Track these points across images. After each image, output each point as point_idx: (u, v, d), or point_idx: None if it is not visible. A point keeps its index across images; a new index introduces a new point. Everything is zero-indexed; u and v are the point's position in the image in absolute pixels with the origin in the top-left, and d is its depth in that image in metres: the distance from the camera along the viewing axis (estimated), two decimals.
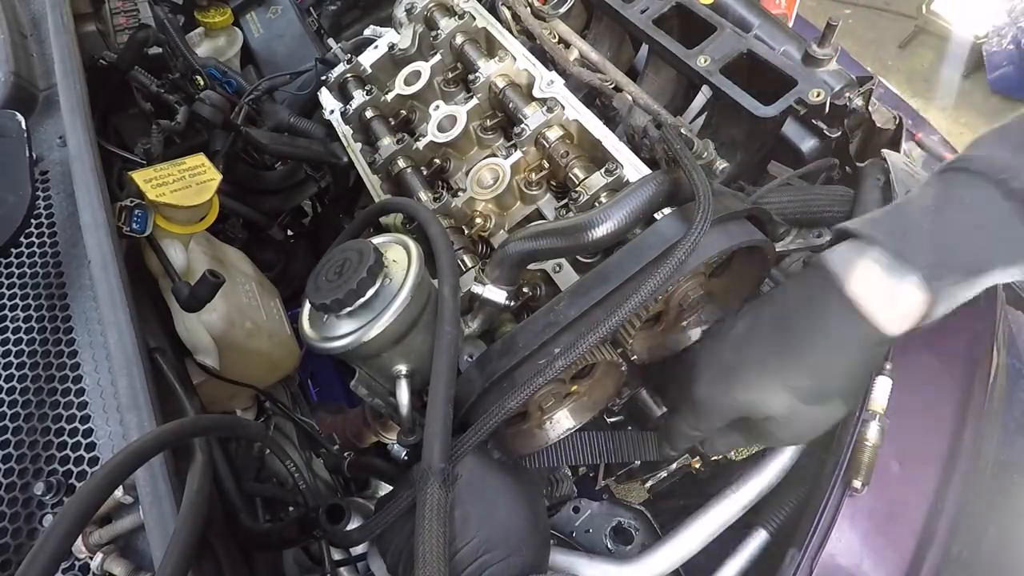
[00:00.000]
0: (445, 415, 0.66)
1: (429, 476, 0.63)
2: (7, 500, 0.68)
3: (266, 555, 0.87)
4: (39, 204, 0.88)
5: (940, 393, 0.83)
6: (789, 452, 0.80)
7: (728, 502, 0.77)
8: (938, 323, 0.82)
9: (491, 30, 1.14)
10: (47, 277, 0.82)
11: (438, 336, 0.70)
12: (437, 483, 0.62)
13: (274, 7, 1.73)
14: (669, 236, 0.73)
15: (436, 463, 0.63)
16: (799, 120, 1.01)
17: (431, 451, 0.64)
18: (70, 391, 0.73)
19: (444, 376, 0.68)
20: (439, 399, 0.67)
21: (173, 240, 0.89)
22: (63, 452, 0.70)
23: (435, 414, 0.66)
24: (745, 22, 1.12)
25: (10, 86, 0.96)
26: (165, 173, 0.87)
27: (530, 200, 0.98)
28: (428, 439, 0.65)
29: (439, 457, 0.64)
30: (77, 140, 0.84)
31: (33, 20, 1.11)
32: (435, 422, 0.65)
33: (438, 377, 0.68)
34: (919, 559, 0.75)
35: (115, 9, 1.29)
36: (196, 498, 0.60)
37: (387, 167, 1.07)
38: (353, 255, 0.70)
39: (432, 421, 0.66)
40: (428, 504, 0.61)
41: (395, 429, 1.27)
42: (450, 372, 0.69)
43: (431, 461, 0.63)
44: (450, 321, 0.71)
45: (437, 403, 0.66)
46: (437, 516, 0.61)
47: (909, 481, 0.78)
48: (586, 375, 0.86)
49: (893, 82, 3.47)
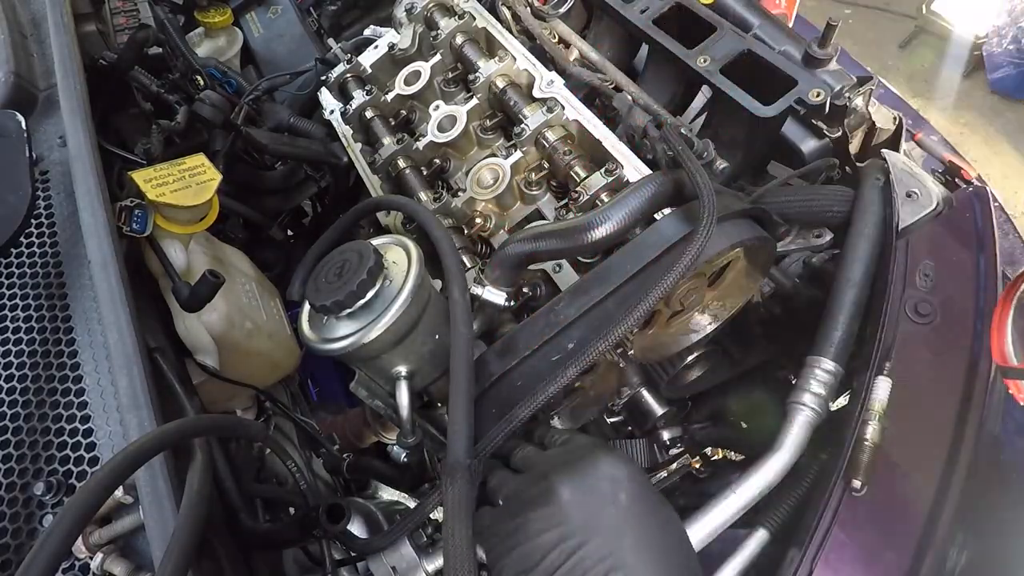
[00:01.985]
0: (467, 412, 0.66)
1: (456, 472, 0.62)
2: (7, 500, 0.68)
3: (266, 555, 0.87)
4: (39, 204, 0.88)
5: (941, 393, 0.83)
6: (789, 452, 0.80)
7: (728, 502, 0.77)
8: (938, 323, 0.82)
9: (491, 30, 1.15)
10: (47, 277, 0.82)
11: (453, 337, 0.70)
12: (464, 479, 0.61)
13: (274, 7, 1.74)
14: (669, 236, 0.73)
15: (463, 458, 0.62)
16: (799, 120, 1.01)
17: (456, 446, 0.63)
18: (70, 391, 0.73)
19: (463, 374, 0.68)
20: (460, 396, 0.66)
21: (173, 240, 0.89)
22: (63, 452, 0.70)
23: (458, 413, 0.65)
24: (745, 22, 1.12)
25: (10, 86, 0.96)
26: (165, 173, 0.87)
27: (530, 200, 0.98)
28: (452, 435, 0.64)
29: (464, 452, 0.63)
30: (77, 140, 0.84)
31: (33, 20, 1.11)
32: (458, 420, 0.65)
33: (457, 376, 0.67)
34: (919, 559, 0.75)
35: (115, 9, 1.29)
36: (196, 498, 0.60)
37: (387, 167, 1.07)
38: (353, 256, 0.70)
39: (455, 420, 0.65)
40: (454, 502, 0.60)
41: (395, 429, 1.27)
42: (469, 370, 0.68)
43: (457, 456, 0.62)
44: (463, 322, 0.71)
45: (459, 401, 0.66)
46: (464, 512, 0.59)
47: (909, 481, 0.78)
48: (589, 371, 0.86)
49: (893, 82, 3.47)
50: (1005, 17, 3.28)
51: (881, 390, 0.79)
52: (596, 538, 0.54)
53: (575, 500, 0.57)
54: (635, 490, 0.59)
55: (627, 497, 0.57)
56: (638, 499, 0.58)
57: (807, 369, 0.84)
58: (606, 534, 0.55)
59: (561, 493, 0.57)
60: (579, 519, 0.56)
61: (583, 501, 0.57)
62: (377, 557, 0.77)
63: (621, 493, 0.58)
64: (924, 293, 0.84)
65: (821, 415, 0.82)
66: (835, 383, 0.84)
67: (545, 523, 0.56)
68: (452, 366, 0.68)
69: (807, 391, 0.83)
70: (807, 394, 0.82)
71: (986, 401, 0.83)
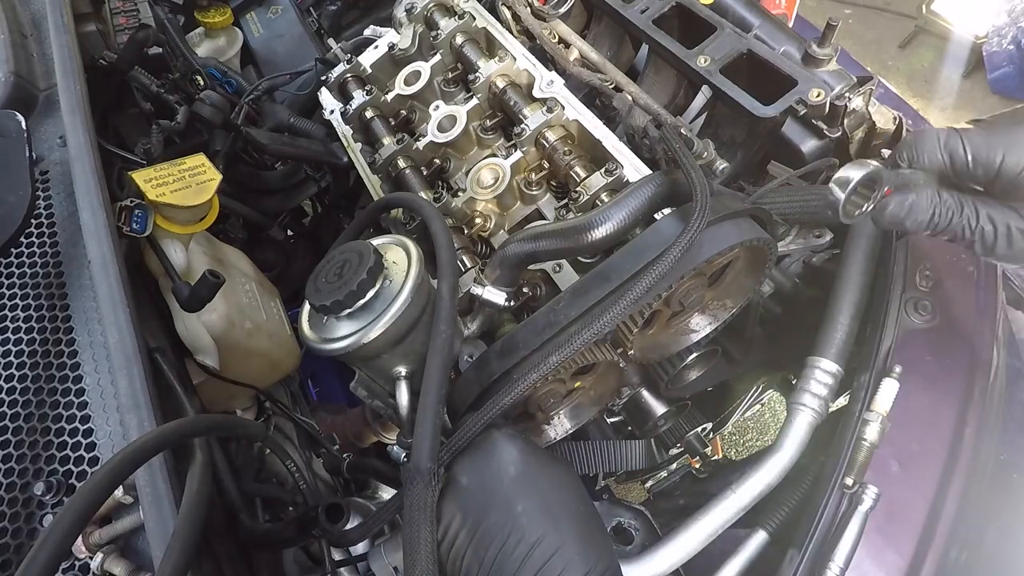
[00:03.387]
0: (435, 415, 0.65)
1: (416, 476, 0.62)
2: (7, 500, 0.68)
3: (266, 555, 0.87)
4: (39, 204, 0.88)
5: (941, 393, 0.83)
6: (789, 452, 0.80)
7: (728, 502, 0.77)
8: (940, 323, 0.82)
9: (491, 30, 1.14)
10: (47, 277, 0.82)
11: (433, 336, 0.69)
12: (424, 483, 0.62)
13: (274, 7, 1.74)
14: (669, 236, 0.73)
15: (424, 463, 0.62)
16: (799, 120, 1.01)
17: (420, 451, 0.63)
18: (70, 391, 0.73)
19: (436, 376, 0.67)
20: (430, 399, 0.66)
21: (173, 240, 0.89)
22: (63, 452, 0.70)
23: (425, 414, 0.65)
24: (745, 22, 1.12)
25: (10, 86, 0.96)
26: (165, 173, 0.87)
27: (530, 200, 0.98)
28: (417, 439, 0.64)
29: (427, 457, 0.63)
30: (77, 140, 0.84)
31: (33, 20, 1.11)
32: (425, 422, 0.65)
33: (430, 377, 0.67)
34: (919, 559, 0.75)
35: (115, 9, 1.29)
36: (196, 498, 0.60)
37: (387, 167, 1.07)
38: (353, 256, 0.70)
39: (422, 421, 0.65)
40: (415, 504, 0.61)
41: (395, 429, 1.27)
42: (442, 372, 0.68)
43: (419, 461, 0.63)
44: (445, 320, 0.70)
45: (428, 403, 0.66)
46: (425, 516, 0.60)
47: (909, 481, 0.78)
48: (589, 371, 0.86)
49: (893, 82, 3.47)
50: (1005, 17, 3.28)
51: (887, 392, 0.79)
52: (492, 512, 0.61)
53: (472, 484, 0.63)
54: (525, 460, 0.64)
55: (516, 469, 0.63)
56: (528, 467, 0.64)
57: (807, 370, 0.84)
58: (501, 505, 0.61)
59: (460, 480, 0.64)
60: (477, 499, 0.62)
61: (479, 483, 0.63)
62: (379, 556, 0.77)
63: (511, 467, 0.63)
64: (924, 293, 0.84)
65: (821, 415, 0.82)
66: (835, 384, 0.84)
67: (450, 511, 0.62)
68: (427, 366, 0.68)
69: (807, 391, 0.83)
70: (807, 394, 0.82)
71: (986, 401, 0.83)
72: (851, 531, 0.73)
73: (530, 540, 0.58)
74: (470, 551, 0.60)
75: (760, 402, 1.73)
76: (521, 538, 0.59)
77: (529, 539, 0.59)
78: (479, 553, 0.60)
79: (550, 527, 0.60)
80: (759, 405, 2.09)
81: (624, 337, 0.76)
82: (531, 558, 0.58)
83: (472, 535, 0.60)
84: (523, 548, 0.58)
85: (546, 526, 0.60)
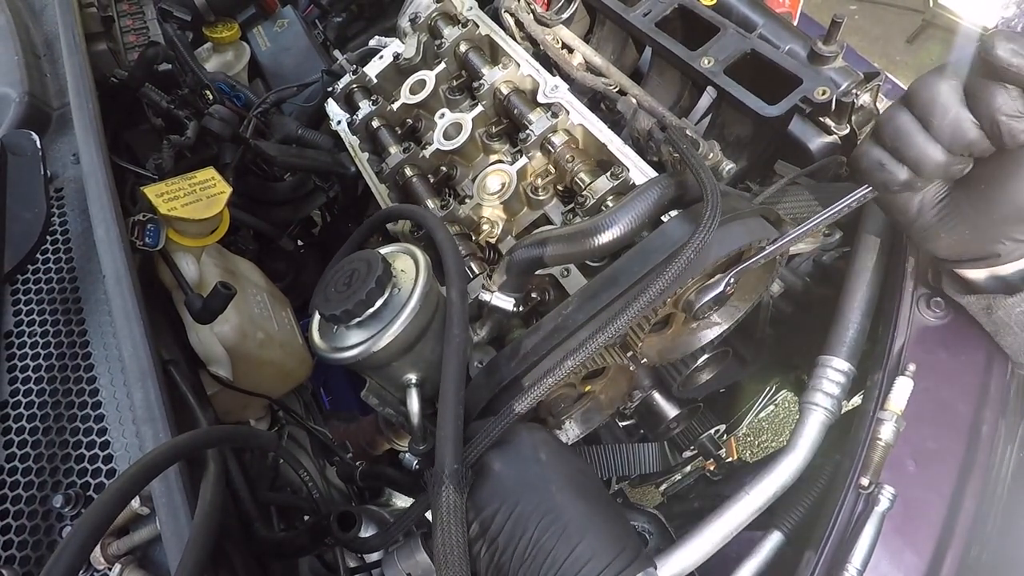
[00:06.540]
0: (456, 417, 0.66)
1: (443, 479, 0.62)
2: (27, 513, 0.69)
3: (281, 563, 0.87)
4: (54, 221, 0.89)
5: (956, 390, 0.82)
6: (803, 452, 0.79)
7: (742, 504, 0.77)
8: (953, 319, 0.81)
9: (495, 37, 1.15)
10: (63, 292, 0.83)
11: (447, 340, 0.70)
12: (452, 485, 0.62)
13: (281, 21, 1.76)
14: (676, 238, 0.73)
15: (450, 465, 0.63)
16: (806, 118, 1.00)
17: (444, 454, 0.63)
18: (87, 404, 0.74)
19: (454, 379, 0.68)
20: (449, 402, 0.66)
21: (185, 253, 0.91)
22: (81, 465, 0.71)
23: (446, 417, 0.65)
24: (749, 21, 1.12)
25: (25, 106, 0.98)
26: (176, 187, 0.89)
27: (537, 205, 0.99)
28: (440, 442, 0.64)
29: (452, 459, 0.63)
30: (90, 157, 0.85)
31: (46, 40, 1.13)
32: (446, 425, 0.65)
33: (448, 380, 0.67)
34: (938, 559, 0.74)
35: (125, 28, 1.31)
36: (209, 509, 0.60)
37: (394, 176, 1.08)
38: (361, 265, 0.70)
39: (444, 424, 0.65)
40: (444, 508, 0.61)
41: (407, 437, 1.28)
42: (460, 375, 0.68)
43: (444, 464, 0.63)
44: (458, 325, 0.70)
45: (447, 406, 0.66)
46: (455, 518, 0.61)
47: (927, 480, 0.77)
48: (599, 375, 0.86)
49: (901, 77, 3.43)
50: (1014, 9, 3.24)
51: (901, 391, 0.78)
52: (528, 493, 0.63)
53: (505, 469, 0.66)
54: (552, 447, 0.68)
55: (546, 454, 0.67)
56: (555, 454, 0.67)
57: (819, 369, 0.84)
58: (536, 486, 0.64)
59: (493, 466, 0.66)
60: (511, 483, 0.65)
61: (512, 467, 0.66)
62: (392, 563, 0.77)
63: (541, 452, 0.67)
64: (936, 289, 0.83)
65: (834, 415, 0.81)
66: (848, 383, 0.83)
67: (487, 496, 0.64)
68: (444, 370, 0.68)
69: (820, 391, 0.82)
70: (820, 394, 0.82)
71: (1004, 399, 0.81)
72: (868, 532, 0.72)
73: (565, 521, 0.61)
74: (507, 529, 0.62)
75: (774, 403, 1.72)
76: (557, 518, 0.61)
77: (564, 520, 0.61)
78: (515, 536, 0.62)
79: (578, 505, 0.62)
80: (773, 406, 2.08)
81: (633, 340, 0.76)
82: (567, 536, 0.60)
83: (508, 515, 0.63)
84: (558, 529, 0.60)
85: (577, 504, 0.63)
